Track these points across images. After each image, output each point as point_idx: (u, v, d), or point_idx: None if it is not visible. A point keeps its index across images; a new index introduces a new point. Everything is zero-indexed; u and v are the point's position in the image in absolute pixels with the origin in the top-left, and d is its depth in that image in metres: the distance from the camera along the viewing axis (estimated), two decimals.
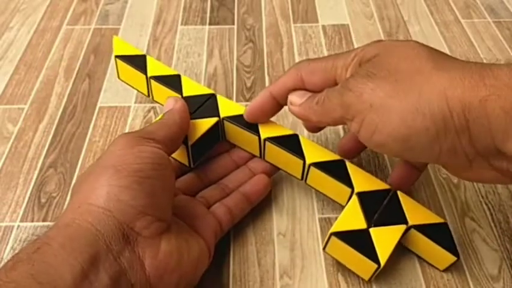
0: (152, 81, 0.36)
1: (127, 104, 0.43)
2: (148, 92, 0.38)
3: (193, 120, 0.33)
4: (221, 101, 0.35)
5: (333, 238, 0.29)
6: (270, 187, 0.34)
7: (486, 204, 0.35)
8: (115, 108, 0.43)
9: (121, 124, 0.41)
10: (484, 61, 0.47)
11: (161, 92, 0.36)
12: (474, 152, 0.24)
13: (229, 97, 0.43)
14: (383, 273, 0.31)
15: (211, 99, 0.35)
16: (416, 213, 0.30)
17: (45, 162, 0.38)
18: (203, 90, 0.35)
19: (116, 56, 0.38)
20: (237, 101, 0.43)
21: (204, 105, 0.34)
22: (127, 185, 0.25)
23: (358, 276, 0.31)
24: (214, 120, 0.33)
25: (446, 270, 0.31)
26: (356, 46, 0.49)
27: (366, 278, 0.30)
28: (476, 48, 0.48)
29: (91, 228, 0.23)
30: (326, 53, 0.48)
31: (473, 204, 0.35)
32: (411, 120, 0.24)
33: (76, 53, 0.48)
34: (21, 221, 0.34)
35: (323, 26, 0.52)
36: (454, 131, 0.24)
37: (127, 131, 0.40)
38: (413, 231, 0.30)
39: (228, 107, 0.34)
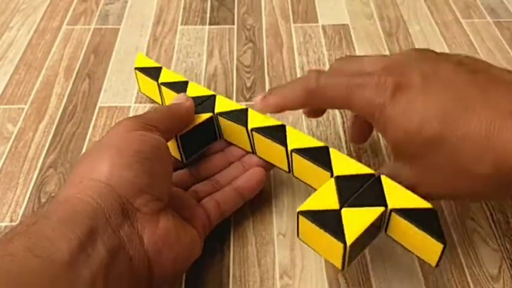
0: (162, 87, 0.38)
1: (127, 104, 0.43)
2: (161, 100, 0.39)
3: None
4: (219, 100, 0.35)
5: (301, 217, 0.27)
6: (263, 182, 0.34)
7: (486, 204, 0.35)
8: (115, 108, 0.43)
9: None
10: None
11: (170, 96, 0.37)
12: None
13: (229, 97, 0.43)
14: (383, 272, 0.31)
15: (210, 99, 0.35)
16: (399, 197, 0.28)
17: (45, 162, 0.38)
18: (206, 92, 0.36)
19: (136, 68, 0.40)
20: (237, 101, 0.43)
21: (202, 104, 0.35)
22: (129, 163, 0.25)
23: (358, 277, 0.31)
24: (207, 115, 0.33)
25: (446, 269, 0.31)
26: (356, 46, 0.49)
27: (338, 264, 0.27)
28: (476, 48, 0.48)
29: (91, 202, 0.24)
30: (325, 53, 0.48)
31: (473, 204, 0.35)
32: None
33: (76, 53, 0.48)
34: None
35: (323, 26, 0.52)
36: None
37: None
38: (395, 216, 0.27)
39: (224, 105, 0.35)
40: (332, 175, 0.29)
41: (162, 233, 0.26)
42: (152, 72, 0.39)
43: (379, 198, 0.27)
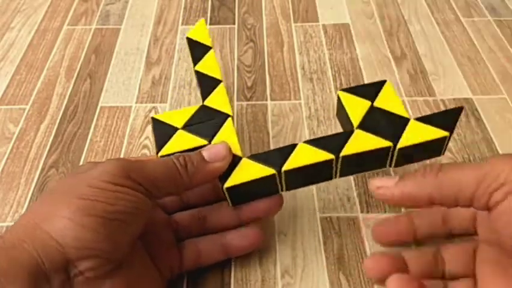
0: (196, 75, 0.34)
1: (128, 104, 0.43)
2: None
3: (249, 162, 0.29)
4: (225, 129, 0.31)
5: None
6: (257, 245, 0.31)
7: None
8: (116, 108, 0.43)
9: (122, 124, 0.41)
10: (485, 60, 0.47)
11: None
12: None
13: (231, 97, 0.43)
14: None
15: (219, 120, 0.31)
16: (221, 138, 0.30)
17: (46, 162, 0.38)
18: (225, 107, 0.32)
19: (187, 38, 0.36)
20: (238, 100, 0.43)
21: (204, 123, 0.31)
22: (91, 226, 0.23)
23: (359, 275, 0.31)
24: (269, 170, 0.28)
25: None
26: (356, 45, 0.49)
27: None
28: (477, 47, 0.48)
29: (37, 259, 0.22)
30: (326, 52, 0.48)
31: None
32: None
33: (77, 53, 0.48)
34: None
35: (324, 25, 0.52)
36: None
37: (128, 131, 0.41)
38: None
39: (223, 137, 0.30)
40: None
41: None
42: (198, 51, 0.35)
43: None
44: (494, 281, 0.25)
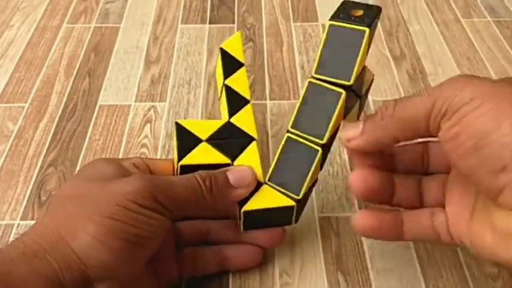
0: (224, 90, 0.34)
1: (127, 102, 0.43)
2: (220, 94, 0.36)
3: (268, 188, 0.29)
4: (249, 151, 0.30)
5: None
6: (257, 263, 0.31)
7: None
8: (115, 106, 0.43)
9: (121, 123, 0.41)
10: (484, 60, 0.47)
11: (223, 103, 0.34)
12: None
13: None
14: (383, 272, 0.31)
15: (244, 140, 0.31)
16: (244, 160, 0.30)
17: (45, 160, 0.38)
18: (251, 129, 0.32)
19: (221, 48, 0.36)
20: None
21: (229, 140, 0.31)
22: (115, 248, 0.23)
23: (358, 275, 0.31)
24: (288, 201, 0.28)
25: (445, 269, 0.31)
26: None
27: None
28: (476, 48, 0.48)
29: (58, 272, 0.22)
30: None
31: None
32: None
33: (76, 52, 0.48)
34: (21, 219, 0.34)
35: (323, 25, 0.52)
36: None
37: (127, 129, 0.41)
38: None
39: (246, 159, 0.30)
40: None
41: None
42: (229, 64, 0.35)
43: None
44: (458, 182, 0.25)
